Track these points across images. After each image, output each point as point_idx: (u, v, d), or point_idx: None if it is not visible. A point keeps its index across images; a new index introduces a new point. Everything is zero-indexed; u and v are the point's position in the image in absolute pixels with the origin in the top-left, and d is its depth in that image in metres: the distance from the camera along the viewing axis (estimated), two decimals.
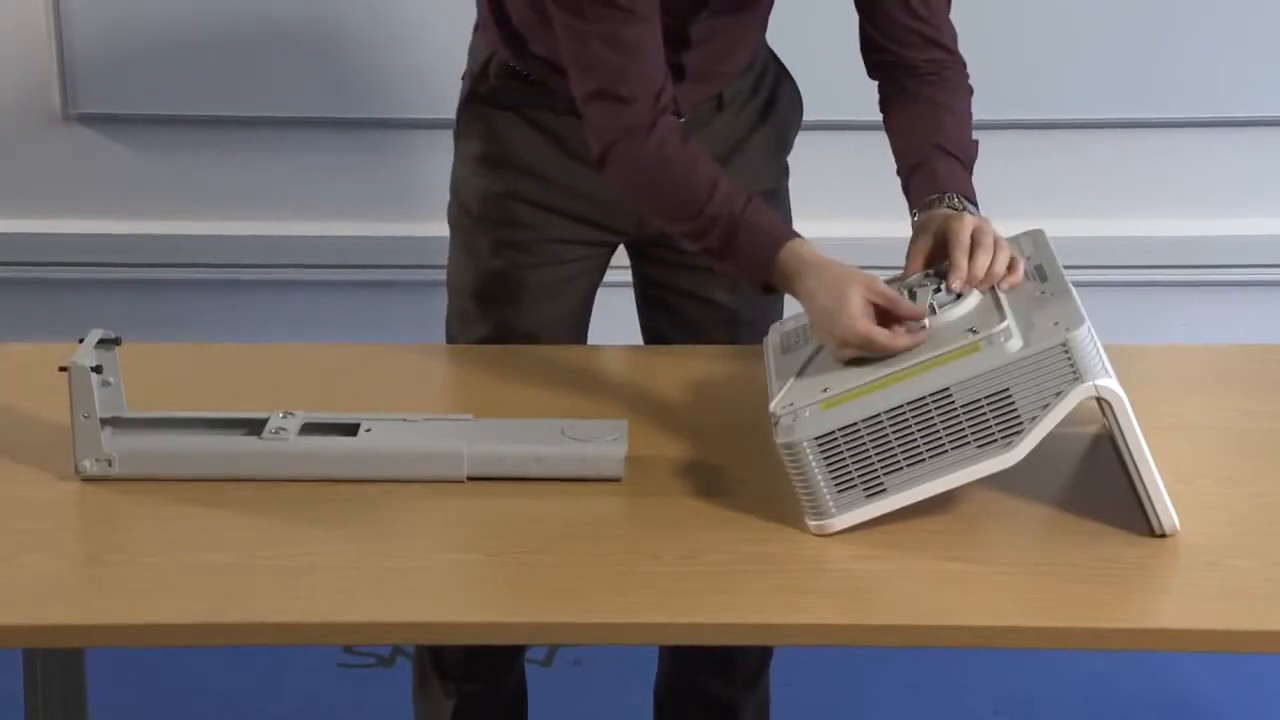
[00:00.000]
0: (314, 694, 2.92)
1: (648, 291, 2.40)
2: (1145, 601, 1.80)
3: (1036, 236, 2.07)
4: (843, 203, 3.42)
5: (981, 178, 3.40)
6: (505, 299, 2.30)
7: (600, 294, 2.39)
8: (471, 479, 1.94)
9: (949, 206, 2.07)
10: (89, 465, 1.93)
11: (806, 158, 3.49)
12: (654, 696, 2.54)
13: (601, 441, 1.96)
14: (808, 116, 2.49)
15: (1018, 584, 1.79)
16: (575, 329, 2.35)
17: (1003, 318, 1.86)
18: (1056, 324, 1.81)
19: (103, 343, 1.95)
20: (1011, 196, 3.41)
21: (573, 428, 1.98)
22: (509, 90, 2.26)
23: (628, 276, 2.41)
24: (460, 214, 2.33)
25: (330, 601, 1.76)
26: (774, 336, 2.06)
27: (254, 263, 3.45)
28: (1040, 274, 1.95)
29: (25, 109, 3.39)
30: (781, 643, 1.77)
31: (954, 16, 2.26)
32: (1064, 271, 1.95)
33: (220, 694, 2.90)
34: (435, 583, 1.78)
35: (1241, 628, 1.72)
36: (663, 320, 2.39)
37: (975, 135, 2.24)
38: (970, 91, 2.25)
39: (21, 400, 2.12)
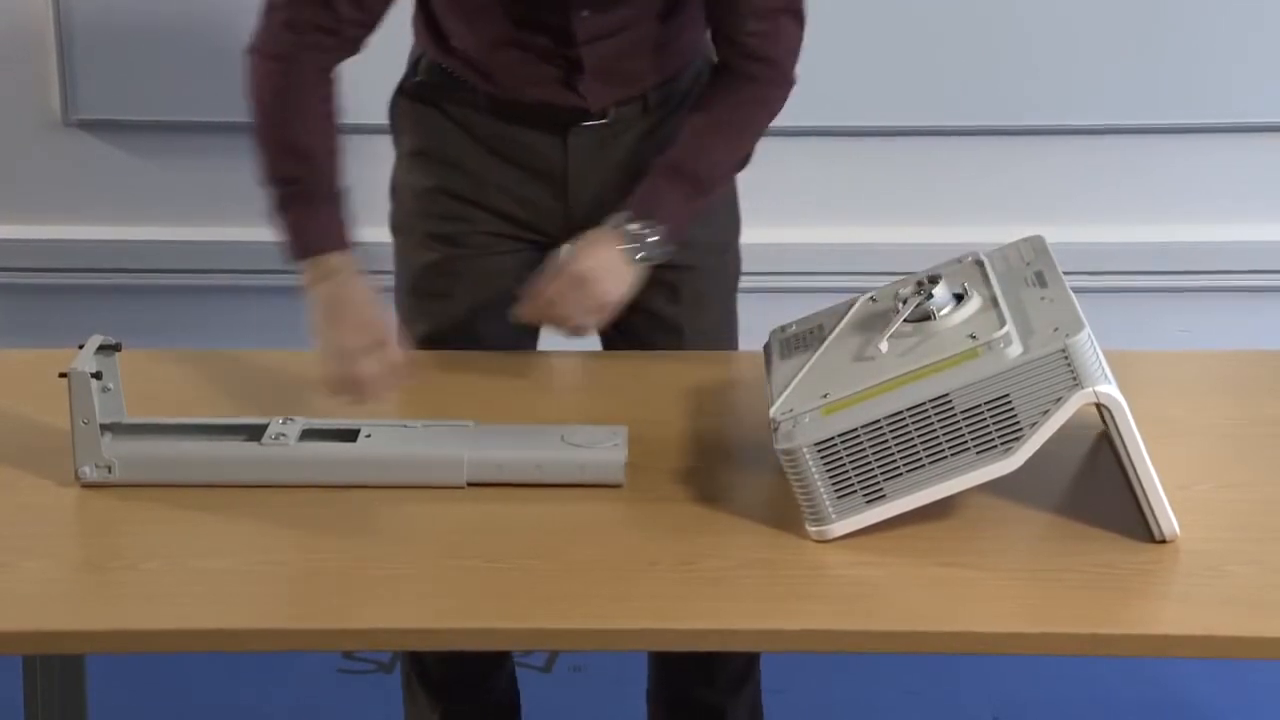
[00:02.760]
0: (314, 699, 2.92)
1: None
2: (1145, 607, 1.80)
3: (1036, 242, 2.07)
4: (837, 208, 3.42)
5: (982, 183, 3.41)
6: (441, 292, 2.31)
7: None
8: (471, 484, 1.94)
9: (616, 227, 2.15)
10: (89, 471, 1.93)
11: (799, 163, 3.50)
12: (646, 705, 2.54)
13: (602, 448, 1.96)
14: (800, 122, 2.48)
15: (1017, 589, 1.79)
16: (518, 331, 2.34)
17: (1002, 323, 1.86)
18: (1056, 330, 1.81)
19: (103, 348, 1.95)
20: (1011, 202, 3.43)
21: (572, 434, 1.98)
22: (434, 87, 2.29)
23: None
24: (398, 211, 2.36)
25: (330, 607, 1.76)
26: (773, 342, 2.06)
27: (254, 268, 3.45)
28: (1040, 280, 1.95)
29: (26, 114, 3.39)
30: (781, 649, 1.77)
31: (955, 23, 2.25)
32: (1063, 277, 1.95)
33: (220, 699, 2.90)
34: (435, 588, 1.78)
35: (1241, 634, 1.72)
36: (609, 330, 2.39)
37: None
38: (765, 103, 2.27)
39: (21, 406, 2.12)
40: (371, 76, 2.36)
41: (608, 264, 2.14)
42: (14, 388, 2.17)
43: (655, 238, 2.16)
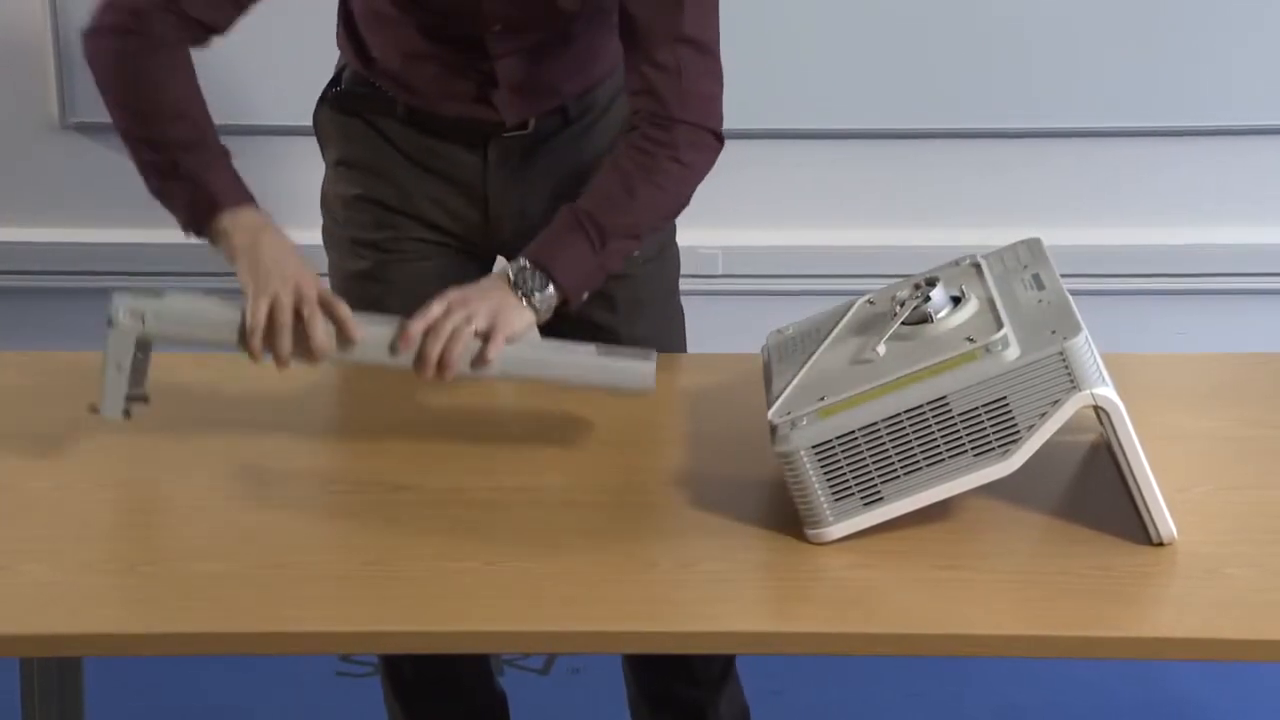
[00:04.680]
0: (312, 702, 2.92)
1: None
2: (1143, 610, 1.80)
3: (1033, 245, 2.07)
4: (835, 211, 3.42)
5: (980, 186, 3.41)
6: (372, 299, 2.29)
7: None
8: (505, 375, 1.97)
9: (501, 273, 2.06)
10: (110, 409, 1.96)
11: (796, 166, 3.49)
12: (628, 705, 2.54)
13: (633, 358, 1.99)
14: (798, 124, 2.48)
15: (1015, 592, 1.79)
16: None
17: (1000, 326, 1.86)
18: (1054, 332, 1.81)
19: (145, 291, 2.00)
20: (1009, 205, 3.43)
21: (605, 348, 2.01)
22: (356, 97, 2.29)
23: None
24: (329, 222, 2.35)
25: (327, 610, 1.76)
26: (771, 344, 2.06)
27: None
28: (1037, 283, 1.95)
29: (23, 117, 3.39)
30: (779, 651, 1.77)
31: (953, 25, 2.25)
32: (1060, 279, 1.95)
33: (217, 702, 2.90)
34: (432, 591, 1.78)
35: (1239, 636, 1.72)
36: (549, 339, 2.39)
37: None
38: (667, 147, 2.09)
39: (20, 407, 2.12)
40: (301, 78, 2.37)
41: (497, 298, 2.00)
42: (12, 389, 2.17)
43: (549, 290, 2.03)
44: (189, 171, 2.03)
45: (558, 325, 2.23)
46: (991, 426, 1.79)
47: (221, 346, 1.96)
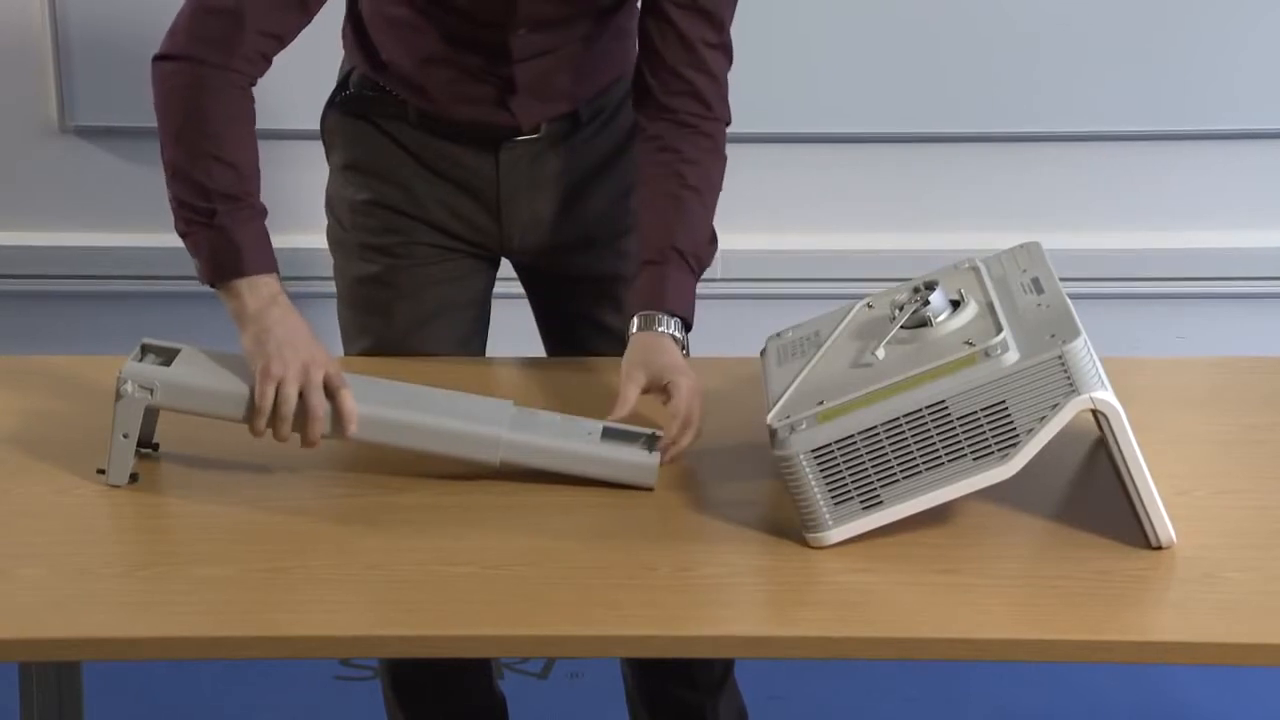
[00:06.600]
0: (311, 706, 2.92)
1: (537, 313, 2.42)
2: (1141, 614, 1.80)
3: (1032, 249, 2.07)
4: (834, 215, 3.42)
5: (979, 190, 3.41)
6: (382, 304, 2.30)
7: (510, 309, 2.40)
8: (505, 464, 1.95)
9: (667, 332, 2.07)
10: (117, 477, 1.95)
11: (796, 170, 3.49)
12: (626, 705, 2.54)
13: (637, 447, 1.96)
14: (797, 128, 2.48)
15: (1014, 596, 1.79)
16: (463, 341, 2.33)
17: (999, 330, 1.86)
18: (1053, 336, 1.81)
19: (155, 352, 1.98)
20: (1008, 209, 3.43)
21: (610, 430, 1.98)
22: (364, 101, 2.28)
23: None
24: (334, 226, 2.34)
25: (327, 615, 1.76)
26: (770, 348, 2.06)
27: None
28: (1036, 287, 1.95)
29: (23, 121, 3.39)
30: (778, 655, 1.77)
31: (952, 29, 2.25)
32: (1059, 283, 1.95)
33: (217, 706, 2.90)
34: (432, 596, 1.78)
35: (1238, 640, 1.72)
36: (558, 341, 2.39)
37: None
38: (716, 152, 2.20)
39: (18, 414, 2.12)
40: (304, 82, 2.36)
41: (684, 364, 2.06)
42: (10, 395, 2.17)
43: (685, 329, 2.10)
44: (221, 223, 1.99)
45: (565, 325, 2.23)
46: (990, 430, 1.79)
47: (227, 419, 1.95)
